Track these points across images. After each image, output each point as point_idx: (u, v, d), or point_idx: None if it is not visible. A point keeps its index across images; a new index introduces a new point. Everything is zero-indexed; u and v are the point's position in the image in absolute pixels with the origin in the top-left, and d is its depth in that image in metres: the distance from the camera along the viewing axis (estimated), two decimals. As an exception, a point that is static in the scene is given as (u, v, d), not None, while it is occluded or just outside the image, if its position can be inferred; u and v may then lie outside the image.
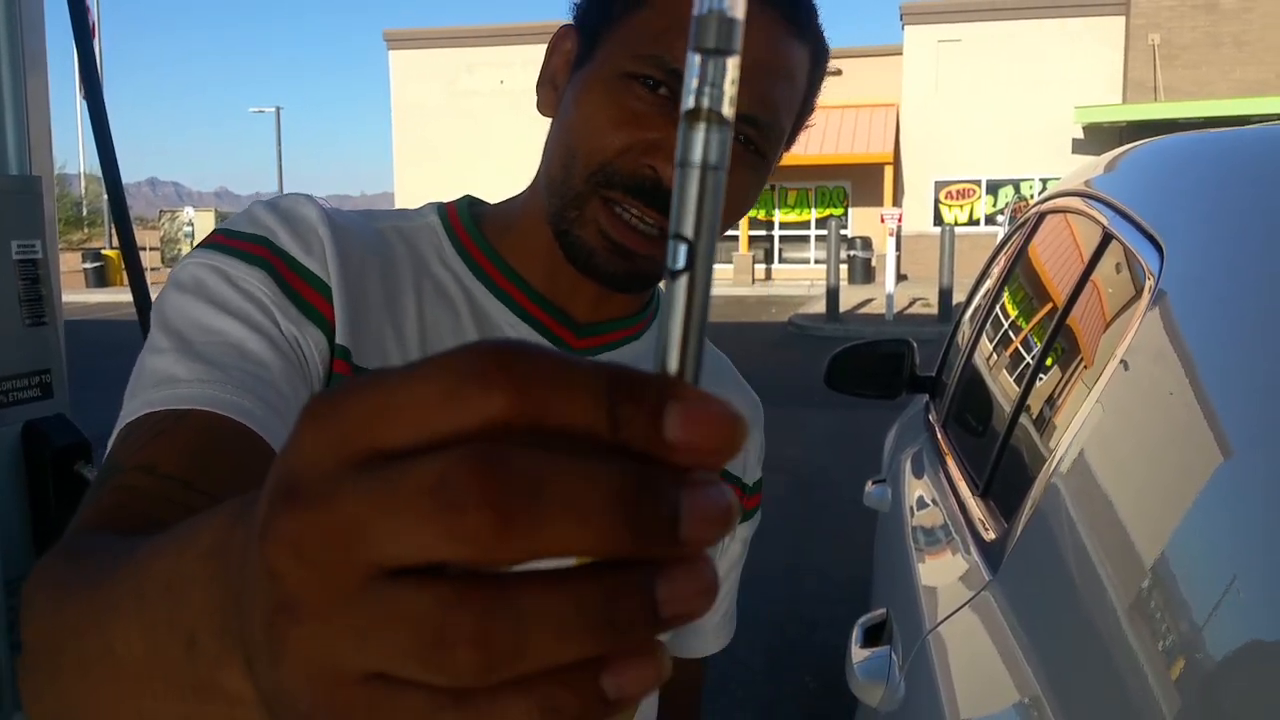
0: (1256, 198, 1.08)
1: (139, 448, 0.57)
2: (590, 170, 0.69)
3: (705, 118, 0.26)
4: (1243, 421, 0.80)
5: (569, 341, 0.78)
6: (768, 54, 0.68)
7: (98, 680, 0.39)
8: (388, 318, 0.72)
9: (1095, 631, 0.85)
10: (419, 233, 0.79)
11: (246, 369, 0.62)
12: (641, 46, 0.67)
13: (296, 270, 0.68)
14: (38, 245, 1.43)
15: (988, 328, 2.09)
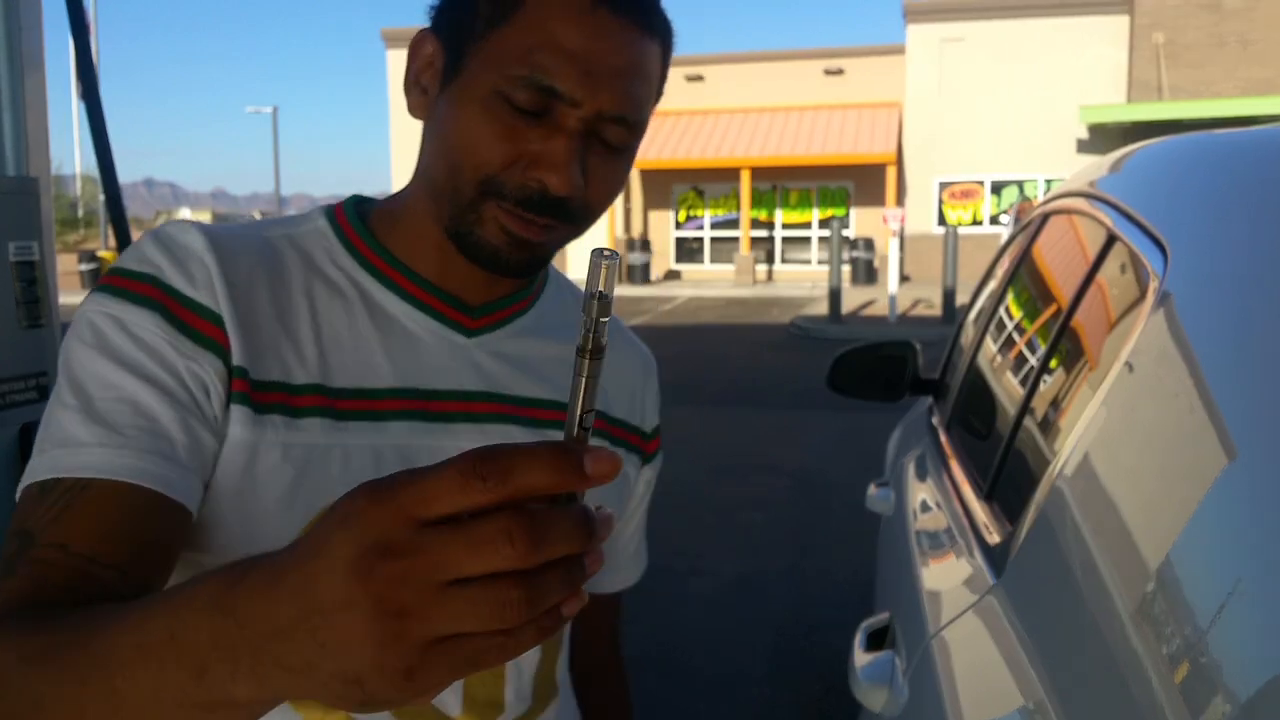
0: (1262, 199, 1.08)
1: (51, 520, 0.64)
2: (477, 181, 0.73)
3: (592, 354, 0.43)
4: (1248, 423, 0.80)
5: (465, 324, 0.82)
6: (628, 58, 0.72)
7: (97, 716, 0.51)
8: (280, 329, 0.76)
9: (1100, 636, 0.85)
10: (308, 237, 0.82)
11: (142, 426, 0.68)
12: (510, 66, 0.71)
13: (185, 304, 0.72)
14: (35, 247, 1.43)
15: (991, 329, 2.08)
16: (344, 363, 0.77)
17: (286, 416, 0.74)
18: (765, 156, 22.49)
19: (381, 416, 0.77)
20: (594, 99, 0.71)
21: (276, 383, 0.74)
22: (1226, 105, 18.37)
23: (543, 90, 0.71)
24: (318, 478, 0.74)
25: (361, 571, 0.39)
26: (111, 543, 0.65)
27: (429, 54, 0.77)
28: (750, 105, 23.90)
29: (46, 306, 1.45)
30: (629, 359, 0.96)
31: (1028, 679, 0.97)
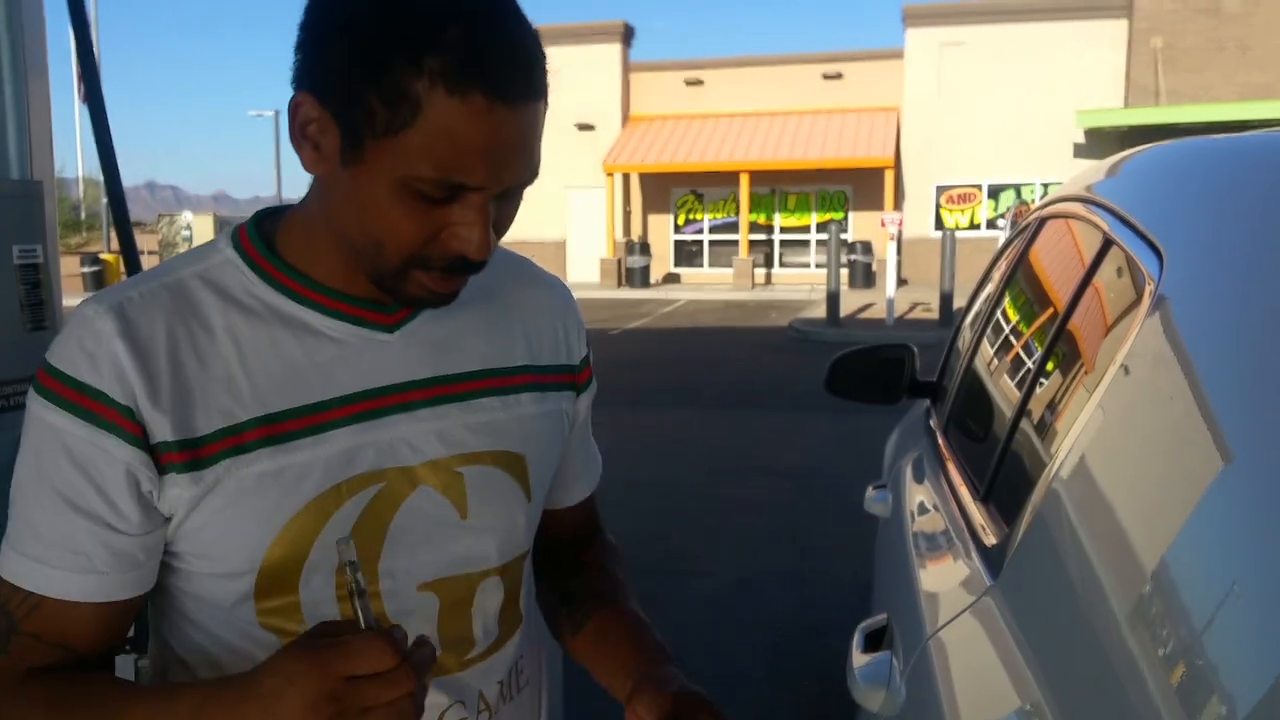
0: (1257, 204, 1.09)
1: (24, 616, 0.80)
2: (401, 258, 0.79)
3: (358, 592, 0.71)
4: (1243, 427, 0.80)
5: (383, 321, 0.87)
6: (524, 134, 0.76)
7: None
8: (209, 379, 0.81)
9: (1096, 637, 0.85)
10: (218, 270, 0.85)
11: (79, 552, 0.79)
12: (417, 167, 0.74)
13: (98, 399, 0.78)
14: (39, 250, 1.43)
15: (989, 333, 2.09)
16: (279, 388, 0.82)
17: (236, 456, 0.80)
18: (764, 160, 22.50)
19: (324, 428, 0.83)
20: (499, 181, 0.76)
21: (220, 430, 0.80)
22: (1224, 110, 18.38)
23: (452, 187, 0.75)
24: (274, 497, 0.81)
25: (315, 713, 0.67)
26: (78, 636, 0.82)
27: (313, 118, 0.77)
28: (749, 109, 23.92)
29: (50, 309, 1.46)
30: (546, 300, 1.00)
31: (1024, 679, 0.98)
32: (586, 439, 1.09)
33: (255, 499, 0.80)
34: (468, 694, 0.92)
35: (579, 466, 1.08)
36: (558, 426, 0.99)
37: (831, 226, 15.02)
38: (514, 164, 0.77)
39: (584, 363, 1.03)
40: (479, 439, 0.90)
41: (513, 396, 0.93)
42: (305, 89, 0.77)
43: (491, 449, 0.91)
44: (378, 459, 0.85)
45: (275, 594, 0.83)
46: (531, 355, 0.96)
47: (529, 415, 0.94)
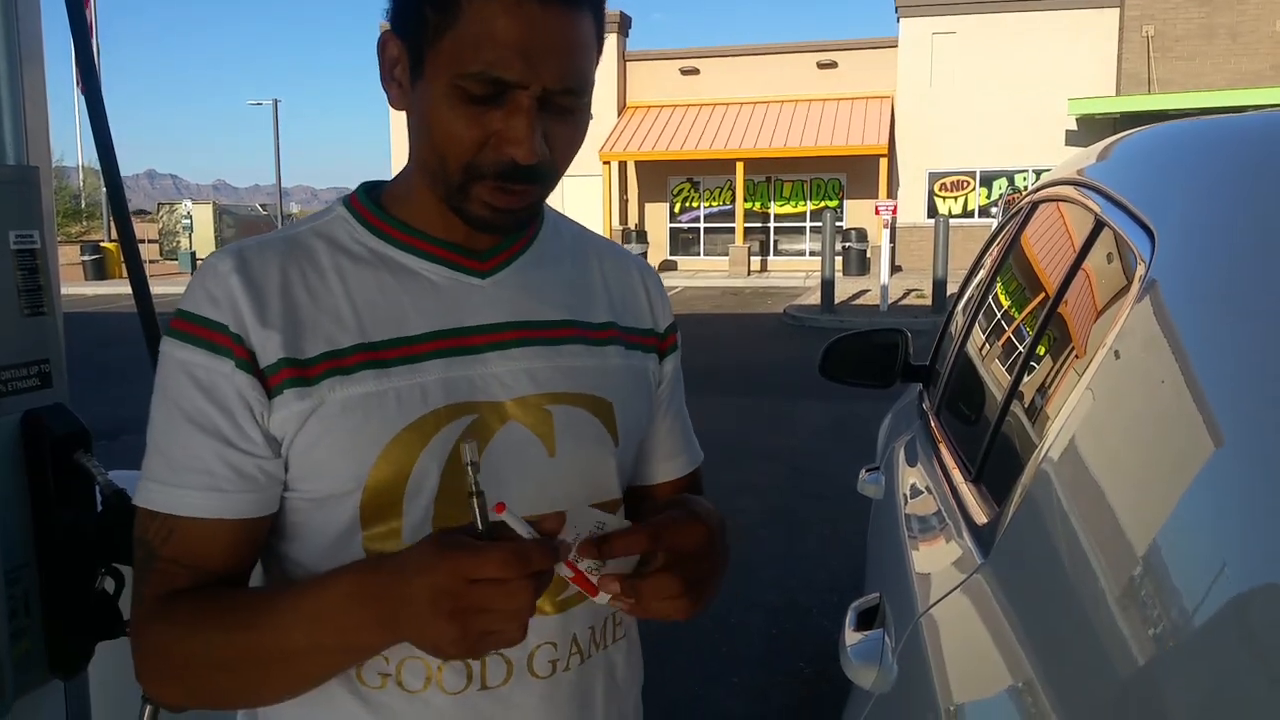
0: (1249, 185, 1.09)
1: (161, 541, 0.87)
2: (459, 166, 0.85)
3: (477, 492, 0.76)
4: (1233, 408, 0.80)
5: (477, 268, 0.95)
6: (559, 37, 0.82)
7: (264, 664, 0.82)
8: (318, 309, 0.89)
9: (1085, 614, 0.86)
10: (331, 224, 0.95)
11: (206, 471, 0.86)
12: (461, 65, 0.81)
13: (214, 329, 0.87)
14: (35, 235, 1.43)
15: (980, 317, 2.10)
16: (379, 320, 0.90)
17: (340, 376, 0.88)
18: (759, 149, 22.45)
19: (420, 358, 0.90)
20: (538, 79, 0.82)
21: (324, 353, 0.88)
22: (1215, 97, 18.37)
23: (493, 81, 0.81)
24: (377, 417, 0.88)
25: (438, 605, 0.72)
26: (210, 556, 0.87)
27: (394, 54, 0.88)
28: (744, 98, 23.85)
29: (48, 294, 1.46)
30: (631, 269, 1.08)
31: (1014, 655, 0.99)
32: (681, 414, 1.13)
33: (358, 417, 0.87)
34: (560, 636, 0.95)
35: (677, 443, 1.12)
36: (643, 383, 1.04)
37: (826, 214, 15.01)
38: (550, 64, 0.82)
39: (668, 331, 1.09)
40: (567, 380, 0.96)
41: (598, 347, 0.99)
42: (389, 29, 0.88)
43: (580, 391, 0.96)
44: (470, 391, 0.91)
45: (379, 520, 0.89)
46: (615, 314, 1.03)
47: (615, 366, 1.00)
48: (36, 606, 1.42)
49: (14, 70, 1.47)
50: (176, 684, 0.86)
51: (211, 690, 0.86)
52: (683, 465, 1.13)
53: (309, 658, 0.81)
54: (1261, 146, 1.18)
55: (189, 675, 0.85)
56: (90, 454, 1.44)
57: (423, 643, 0.75)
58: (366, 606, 0.77)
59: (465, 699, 0.91)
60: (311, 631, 0.79)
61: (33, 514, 1.40)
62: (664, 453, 1.11)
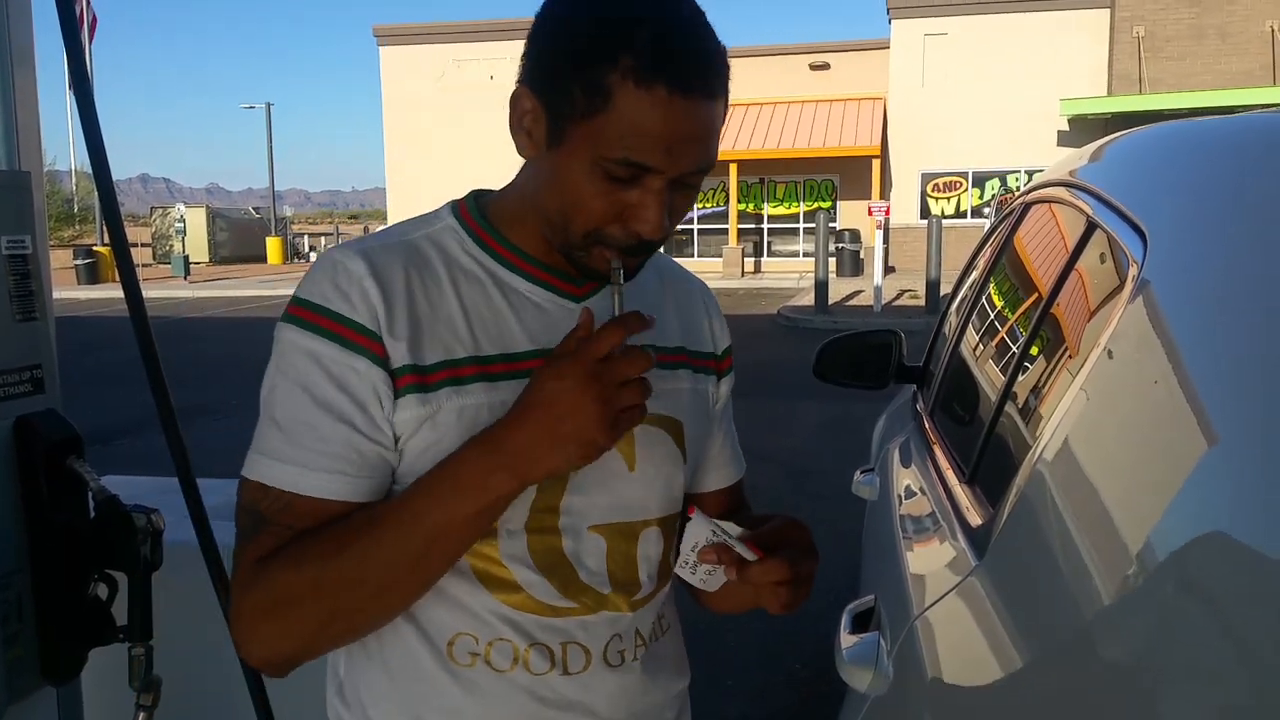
0: (1240, 186, 1.09)
1: (277, 511, 0.90)
2: (585, 231, 0.91)
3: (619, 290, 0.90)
4: (1225, 408, 0.81)
5: (573, 292, 1.01)
6: (700, 128, 0.88)
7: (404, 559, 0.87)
8: (437, 318, 0.95)
9: (1080, 614, 0.86)
10: (443, 235, 1.00)
11: (328, 453, 0.90)
12: (607, 148, 0.86)
13: (350, 327, 0.91)
14: (27, 240, 1.43)
15: (974, 318, 2.10)
16: (489, 335, 0.96)
17: (456, 385, 0.94)
18: (752, 150, 22.47)
19: (525, 374, 0.94)
20: (676, 167, 0.88)
21: (442, 362, 0.94)
22: (1206, 97, 18.44)
23: (630, 165, 0.87)
24: (484, 422, 0.92)
25: (587, 392, 0.81)
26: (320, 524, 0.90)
27: (529, 108, 0.92)
28: (737, 100, 23.76)
29: (40, 300, 1.45)
30: (696, 295, 1.17)
31: (1010, 657, 0.99)
32: (730, 429, 1.21)
33: (471, 426, 0.92)
34: (630, 630, 1.03)
35: (727, 453, 1.20)
36: (704, 404, 1.12)
37: (819, 215, 15.02)
38: (689, 152, 0.88)
39: (725, 353, 1.17)
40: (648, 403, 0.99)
41: (670, 371, 1.07)
42: (525, 83, 0.92)
43: (657, 411, 1.02)
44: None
45: None
46: (686, 339, 1.10)
47: (684, 388, 1.08)
48: (29, 612, 1.41)
49: (5, 73, 1.47)
50: (306, 619, 0.89)
51: (343, 612, 0.89)
52: (731, 475, 1.21)
53: (446, 534, 0.86)
54: (1253, 147, 1.18)
55: (318, 604, 0.88)
56: (83, 459, 1.44)
57: (571, 445, 0.83)
58: (500, 450, 0.84)
59: (547, 680, 0.97)
60: (448, 504, 0.85)
61: (25, 519, 1.40)
62: (716, 463, 1.18)
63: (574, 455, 0.83)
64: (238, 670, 1.55)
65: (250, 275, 26.81)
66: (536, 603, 0.97)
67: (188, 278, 24.54)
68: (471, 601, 0.96)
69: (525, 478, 0.85)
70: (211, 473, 2.07)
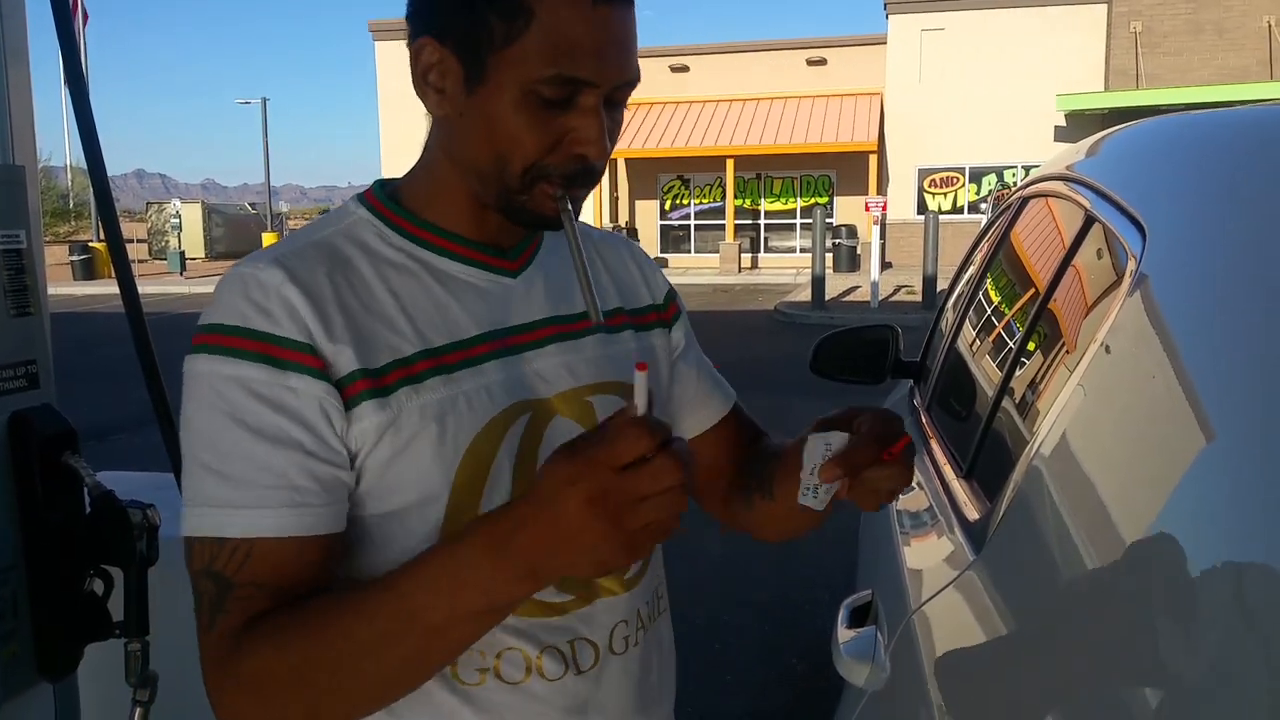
0: (1239, 180, 1.09)
1: (237, 568, 0.80)
2: (524, 169, 0.86)
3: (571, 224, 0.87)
4: (1224, 403, 0.80)
5: (508, 268, 0.96)
6: (625, 32, 0.85)
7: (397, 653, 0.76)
8: (374, 317, 0.87)
9: (1077, 610, 0.86)
10: (358, 228, 0.93)
11: (278, 486, 0.81)
12: (536, 69, 0.82)
13: (278, 344, 0.82)
14: (22, 235, 1.43)
15: (971, 313, 2.10)
16: (434, 326, 0.90)
17: (411, 385, 0.86)
18: (749, 146, 22.46)
19: (478, 360, 0.91)
20: (608, 77, 0.84)
21: (392, 363, 0.86)
22: (1203, 92, 18.45)
23: (567, 82, 0.82)
24: (453, 423, 0.88)
25: (594, 508, 0.68)
26: (291, 575, 0.81)
27: (435, 60, 0.87)
28: (734, 95, 23.86)
29: (35, 295, 1.45)
30: (622, 252, 1.12)
31: (1007, 652, 0.99)
32: (703, 364, 1.15)
33: (439, 424, 0.86)
34: (630, 613, 1.00)
35: (706, 387, 1.14)
36: (656, 359, 1.07)
37: (816, 211, 15.02)
38: (619, 59, 0.84)
39: (668, 300, 1.13)
40: (598, 371, 0.99)
41: (614, 334, 1.03)
42: (424, 34, 0.87)
43: (610, 379, 0.99)
44: (524, 390, 0.93)
45: (459, 523, 0.88)
46: (623, 299, 1.06)
47: (630, 350, 1.03)
48: (24, 608, 1.41)
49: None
50: (291, 703, 0.78)
51: (332, 701, 0.79)
52: (719, 406, 1.15)
53: (447, 632, 0.76)
54: (1252, 141, 1.18)
55: (306, 690, 0.78)
56: (78, 455, 1.43)
57: (582, 561, 0.71)
58: (507, 554, 0.72)
59: (563, 684, 0.93)
60: (451, 601, 0.74)
61: (20, 515, 1.40)
62: (696, 404, 1.13)
63: (587, 569, 0.72)
64: (234, 666, 1.55)
65: (246, 271, 26.70)
66: (535, 603, 0.92)
67: (183, 273, 24.52)
68: None
69: (537, 582, 0.74)
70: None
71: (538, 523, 0.71)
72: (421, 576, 0.76)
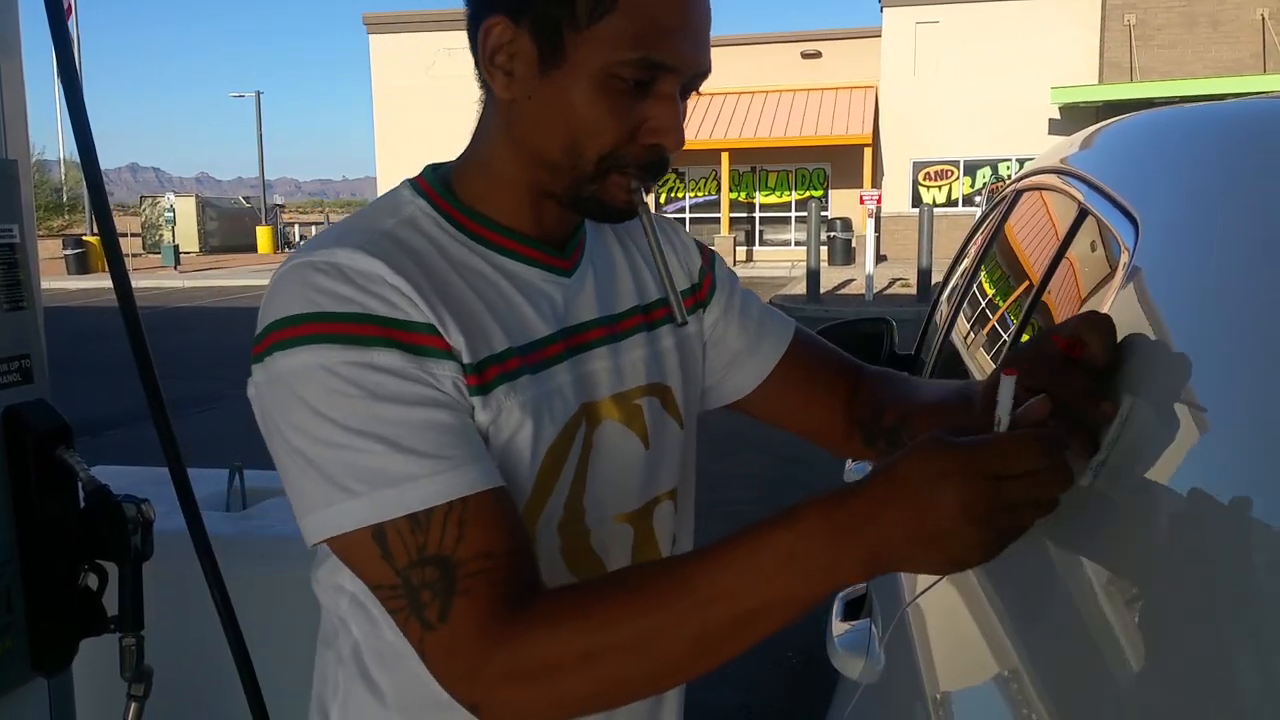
0: (1233, 173, 1.09)
1: (456, 541, 0.74)
2: (599, 156, 0.82)
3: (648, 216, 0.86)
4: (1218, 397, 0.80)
5: (562, 266, 0.92)
6: (707, 18, 0.82)
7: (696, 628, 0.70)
8: (463, 310, 0.83)
9: (1073, 602, 0.86)
10: (419, 221, 0.87)
11: (454, 442, 0.76)
12: (623, 52, 0.78)
13: (403, 328, 0.77)
14: (15, 229, 1.42)
15: (965, 306, 2.10)
16: (513, 323, 0.86)
17: (508, 382, 0.83)
18: (744, 139, 22.44)
19: (555, 360, 0.88)
20: (693, 61, 0.81)
21: (488, 358, 0.83)
22: (1197, 85, 18.46)
23: (651, 67, 0.79)
24: (543, 420, 0.85)
25: (969, 511, 0.64)
26: (512, 534, 0.77)
27: (506, 40, 0.82)
28: (729, 88, 23.82)
29: (28, 289, 1.44)
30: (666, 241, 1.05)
31: (1001, 644, 0.99)
32: (752, 305, 1.10)
33: (533, 423, 0.84)
34: None
35: (756, 322, 1.09)
36: (691, 350, 1.04)
37: (811, 204, 15.03)
38: (702, 46, 0.82)
39: (702, 274, 1.08)
40: (643, 372, 0.96)
41: (656, 331, 0.99)
42: (495, 13, 0.81)
43: (653, 380, 0.97)
44: (583, 393, 0.90)
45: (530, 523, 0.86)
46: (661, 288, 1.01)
47: (668, 347, 1.00)
48: (19, 603, 1.41)
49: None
50: (570, 689, 0.72)
51: (615, 686, 0.73)
52: (783, 330, 1.10)
53: (767, 618, 0.70)
54: (1246, 135, 1.18)
55: (585, 675, 0.71)
56: (72, 449, 1.43)
57: (938, 559, 0.66)
58: (854, 541, 0.67)
59: None
60: (773, 585, 0.68)
61: (14, 510, 1.39)
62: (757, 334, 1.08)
63: (940, 568, 0.67)
64: (229, 659, 1.55)
65: (240, 265, 26.70)
66: None
67: (178, 267, 24.44)
68: None
69: (877, 570, 0.68)
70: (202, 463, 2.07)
71: (901, 512, 0.65)
72: (740, 553, 0.70)
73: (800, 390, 1.10)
